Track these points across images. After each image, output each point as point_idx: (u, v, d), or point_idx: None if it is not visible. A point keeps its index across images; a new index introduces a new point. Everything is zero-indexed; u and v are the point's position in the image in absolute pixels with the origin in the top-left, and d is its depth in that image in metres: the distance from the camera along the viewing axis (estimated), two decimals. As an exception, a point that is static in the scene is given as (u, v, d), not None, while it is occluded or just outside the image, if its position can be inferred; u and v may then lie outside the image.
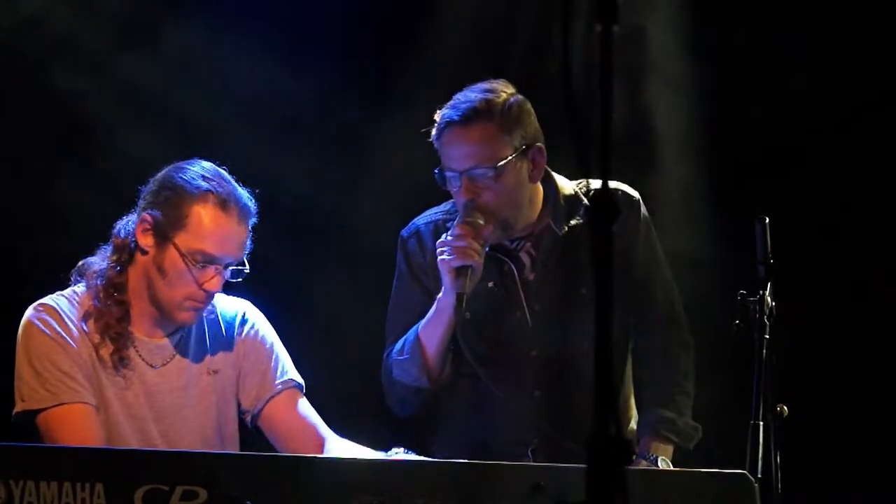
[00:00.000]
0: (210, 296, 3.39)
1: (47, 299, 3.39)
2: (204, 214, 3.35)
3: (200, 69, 4.78)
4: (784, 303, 3.35)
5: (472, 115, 3.63)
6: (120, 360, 3.37)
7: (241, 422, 3.56)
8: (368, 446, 3.43)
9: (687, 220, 4.27)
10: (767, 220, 3.37)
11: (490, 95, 3.65)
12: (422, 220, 3.88)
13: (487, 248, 3.69)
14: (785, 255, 3.41)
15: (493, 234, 3.68)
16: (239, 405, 3.53)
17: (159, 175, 3.44)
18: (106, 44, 4.73)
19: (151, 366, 3.42)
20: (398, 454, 3.31)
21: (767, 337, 3.28)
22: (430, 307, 3.76)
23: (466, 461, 3.04)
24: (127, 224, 3.44)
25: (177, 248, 3.35)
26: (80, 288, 3.43)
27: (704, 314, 4.08)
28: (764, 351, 3.27)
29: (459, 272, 3.58)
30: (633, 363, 3.86)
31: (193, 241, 3.35)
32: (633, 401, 3.89)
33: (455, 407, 3.82)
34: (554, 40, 4.63)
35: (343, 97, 4.84)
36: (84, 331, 3.35)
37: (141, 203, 3.42)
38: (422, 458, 3.31)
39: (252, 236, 3.45)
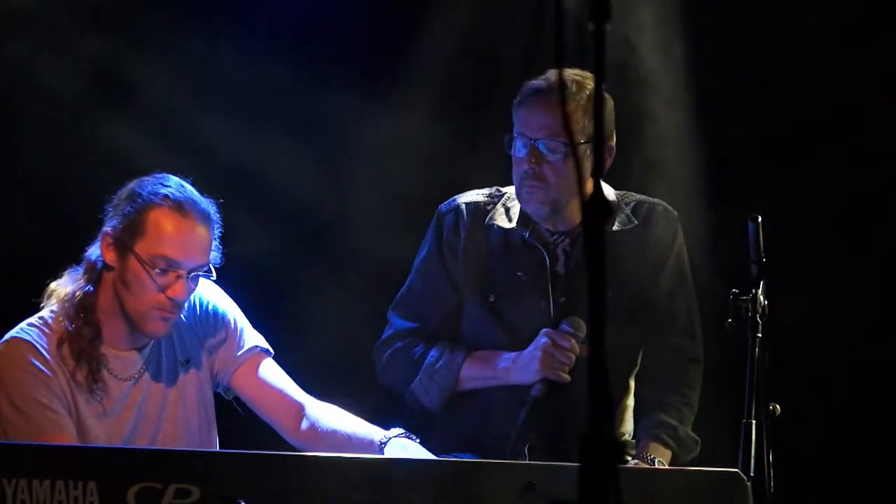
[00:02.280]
0: (177, 304, 3.35)
1: (19, 332, 3.36)
2: (161, 218, 3.33)
3: (191, 63, 4.77)
4: (776, 301, 3.36)
5: (560, 90, 3.66)
6: (95, 382, 3.35)
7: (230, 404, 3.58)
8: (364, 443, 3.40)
9: (680, 218, 4.26)
10: (760, 218, 3.38)
11: (581, 80, 3.69)
12: (463, 198, 3.90)
13: (527, 235, 3.75)
14: (778, 253, 3.41)
15: (543, 215, 3.74)
16: (215, 383, 3.54)
17: (120, 191, 3.42)
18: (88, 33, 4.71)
19: (125, 380, 3.40)
20: (398, 435, 3.31)
21: (760, 336, 3.29)
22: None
23: (461, 460, 3.03)
24: (96, 246, 3.42)
25: (137, 257, 3.32)
26: (47, 313, 3.40)
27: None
28: (756, 349, 3.27)
29: (546, 380, 3.66)
30: (642, 372, 3.88)
31: (152, 247, 3.32)
32: (629, 413, 3.90)
33: (452, 400, 3.82)
34: (548, 40, 4.62)
35: (337, 97, 4.82)
36: (59, 358, 3.34)
37: (105, 222, 3.40)
38: (418, 443, 3.32)
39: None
